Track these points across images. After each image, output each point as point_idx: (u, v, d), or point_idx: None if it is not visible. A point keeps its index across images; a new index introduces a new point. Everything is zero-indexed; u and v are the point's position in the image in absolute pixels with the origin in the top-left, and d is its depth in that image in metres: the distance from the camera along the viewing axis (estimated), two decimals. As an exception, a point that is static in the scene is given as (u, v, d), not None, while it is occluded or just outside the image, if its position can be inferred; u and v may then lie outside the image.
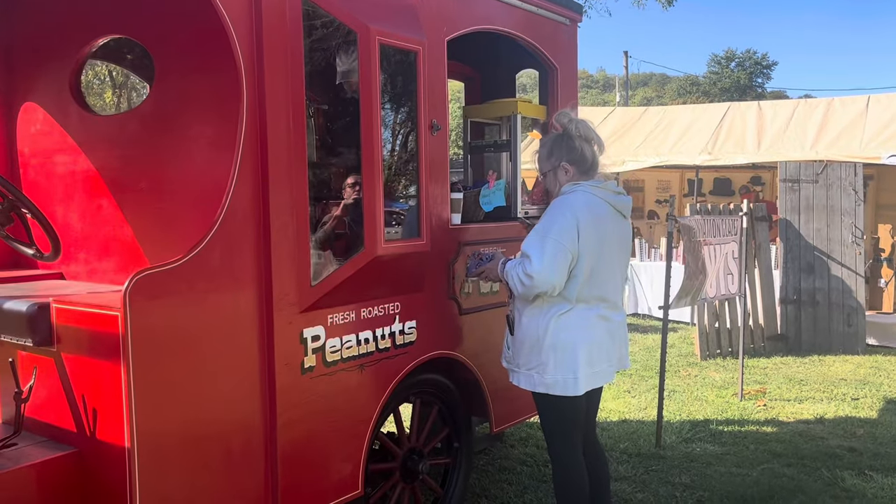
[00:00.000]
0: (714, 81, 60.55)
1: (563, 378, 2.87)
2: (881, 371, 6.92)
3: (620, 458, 4.59)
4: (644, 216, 12.54)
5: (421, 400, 3.40)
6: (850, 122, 8.91)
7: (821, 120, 9.14)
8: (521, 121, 3.88)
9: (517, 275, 2.84)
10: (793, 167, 8.06)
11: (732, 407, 5.78)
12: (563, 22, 3.95)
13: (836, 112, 9.28)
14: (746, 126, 9.60)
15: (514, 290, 2.91)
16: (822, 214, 7.89)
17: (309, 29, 2.67)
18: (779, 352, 7.79)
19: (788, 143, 8.94)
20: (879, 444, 4.87)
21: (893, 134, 8.36)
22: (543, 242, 2.78)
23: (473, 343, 3.49)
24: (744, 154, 9.17)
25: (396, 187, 3.08)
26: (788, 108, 9.97)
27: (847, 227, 7.78)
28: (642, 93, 74.02)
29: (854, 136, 8.59)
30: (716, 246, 5.57)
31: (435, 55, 3.08)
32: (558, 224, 2.81)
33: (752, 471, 4.39)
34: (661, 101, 57.57)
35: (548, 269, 2.76)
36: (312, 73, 2.80)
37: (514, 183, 3.87)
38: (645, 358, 7.45)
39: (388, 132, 3.04)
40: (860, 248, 7.76)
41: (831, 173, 7.87)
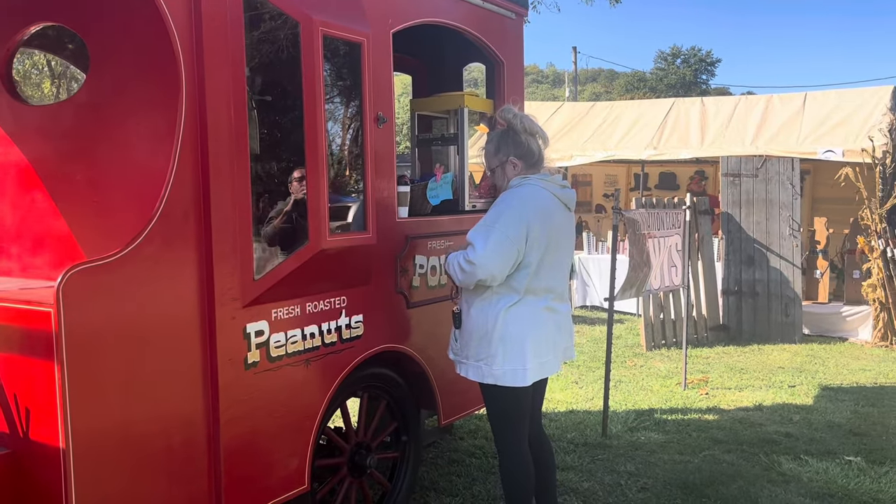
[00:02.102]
0: (661, 78, 61.77)
1: (512, 369, 2.89)
2: (816, 359, 7.18)
3: (567, 447, 4.66)
4: (592, 210, 12.72)
5: (368, 394, 3.39)
6: (788, 119, 9.19)
7: (761, 116, 9.41)
8: (468, 114, 3.89)
9: (457, 262, 2.88)
10: (734, 162, 8.28)
11: (676, 396, 5.92)
12: (508, 16, 3.97)
13: (775, 108, 9.56)
14: (690, 122, 9.82)
15: (454, 277, 2.93)
16: (762, 208, 8.13)
17: (251, 19, 2.62)
18: (721, 341, 8.01)
19: (730, 138, 9.18)
20: (814, 430, 5.05)
21: (828, 130, 8.65)
22: (489, 232, 2.82)
23: (421, 336, 3.49)
24: (688, 149, 9.37)
25: (342, 180, 3.05)
26: (730, 104, 10.23)
27: (785, 220, 8.04)
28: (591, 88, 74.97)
29: (792, 132, 8.87)
30: (660, 239, 5.68)
31: (380, 47, 3.06)
32: (505, 215, 2.84)
33: (694, 457, 4.51)
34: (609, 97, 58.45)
35: (490, 257, 2.78)
36: (255, 64, 2.76)
37: (462, 176, 3.88)
38: (593, 349, 7.58)
39: (332, 125, 3.00)
40: (797, 240, 8.03)
41: (770, 168, 8.12)
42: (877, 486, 4.07)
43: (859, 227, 7.96)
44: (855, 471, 4.27)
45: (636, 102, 12.13)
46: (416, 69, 4.53)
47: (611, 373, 5.24)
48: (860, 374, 6.58)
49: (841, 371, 6.72)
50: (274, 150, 3.15)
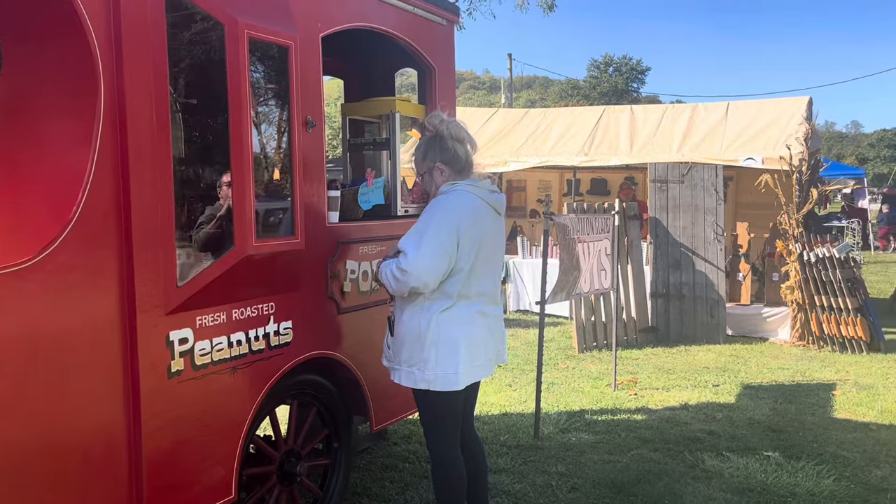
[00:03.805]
0: (594, 85, 63.21)
1: (445, 374, 2.90)
2: (739, 359, 7.46)
3: (500, 450, 4.70)
4: (527, 215, 12.90)
5: (299, 401, 3.35)
6: (712, 127, 9.52)
7: (687, 124, 9.72)
8: (399, 119, 3.90)
9: (390, 271, 2.87)
10: (661, 168, 8.53)
11: (606, 397, 6.05)
12: (439, 22, 4.00)
13: (701, 117, 9.90)
14: (620, 129, 10.06)
15: (388, 286, 2.92)
16: (688, 213, 8.40)
17: (173, 20, 2.57)
18: (650, 343, 8.22)
19: (658, 145, 9.44)
20: (736, 427, 5.24)
21: (750, 138, 9.00)
22: (420, 239, 2.82)
23: (353, 342, 3.47)
24: (617, 156, 9.60)
25: (269, 185, 3.01)
26: (658, 112, 10.53)
27: (710, 225, 8.33)
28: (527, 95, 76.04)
29: (715, 140, 9.19)
30: (589, 243, 5.81)
31: (309, 51, 3.04)
32: (436, 222, 2.85)
33: (622, 457, 4.62)
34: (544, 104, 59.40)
35: (422, 264, 2.79)
36: (178, 67, 2.70)
37: (394, 181, 3.89)
38: (526, 352, 7.67)
39: (259, 128, 2.96)
40: (721, 244, 8.33)
41: (695, 174, 8.40)
42: (793, 480, 4.25)
43: (778, 232, 8.31)
44: (773, 466, 4.45)
45: (568, 110, 12.37)
46: (348, 73, 4.52)
47: (543, 375, 5.32)
48: (779, 373, 6.87)
49: (761, 370, 6.99)
50: (200, 153, 3.08)
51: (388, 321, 3.07)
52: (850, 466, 4.45)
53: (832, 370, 6.97)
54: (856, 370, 6.95)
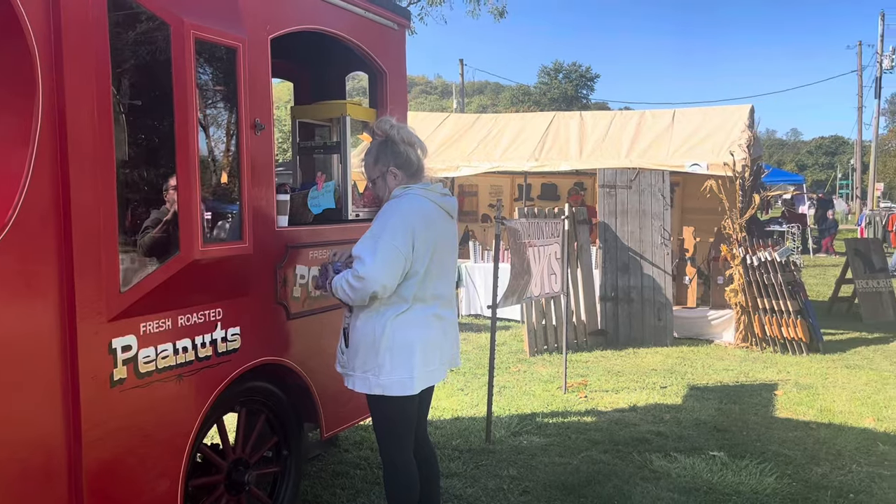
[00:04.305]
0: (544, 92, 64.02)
1: (400, 378, 2.90)
2: (686, 361, 7.62)
3: (452, 454, 4.70)
4: (479, 219, 12.96)
5: (247, 409, 3.28)
6: (659, 134, 9.72)
7: (634, 130, 9.89)
8: (350, 123, 3.88)
9: (345, 282, 2.84)
10: (609, 174, 8.67)
11: (557, 400, 6.11)
12: (391, 27, 3.99)
13: (648, 123, 10.09)
14: (570, 135, 10.18)
15: (345, 298, 2.89)
16: (636, 218, 8.56)
17: (116, 19, 2.50)
18: (599, 346, 8.34)
19: (606, 151, 9.59)
20: (683, 428, 5.35)
21: (695, 145, 9.22)
22: (376, 244, 2.81)
23: (303, 348, 3.43)
24: (567, 161, 9.72)
25: (216, 189, 2.96)
26: (606, 118, 10.70)
27: (657, 230, 8.50)
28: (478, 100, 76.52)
29: (662, 146, 9.38)
30: (539, 247, 5.87)
31: (257, 53, 2.99)
32: (391, 226, 2.84)
33: (573, 459, 4.66)
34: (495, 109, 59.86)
35: (379, 269, 2.78)
36: (122, 67, 2.63)
37: (345, 185, 3.86)
38: (479, 356, 7.69)
39: (206, 131, 2.91)
40: (668, 248, 8.50)
41: (643, 180, 8.56)
42: (738, 478, 4.36)
43: (723, 236, 8.53)
44: (719, 465, 4.56)
45: (519, 115, 12.48)
46: (299, 76, 4.47)
47: (495, 379, 5.35)
48: (724, 374, 7.04)
49: (707, 371, 7.16)
50: (146, 156, 3.01)
51: (343, 331, 3.04)
52: (791, 464, 4.58)
53: (774, 371, 7.18)
54: (796, 370, 7.17)
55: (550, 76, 66.19)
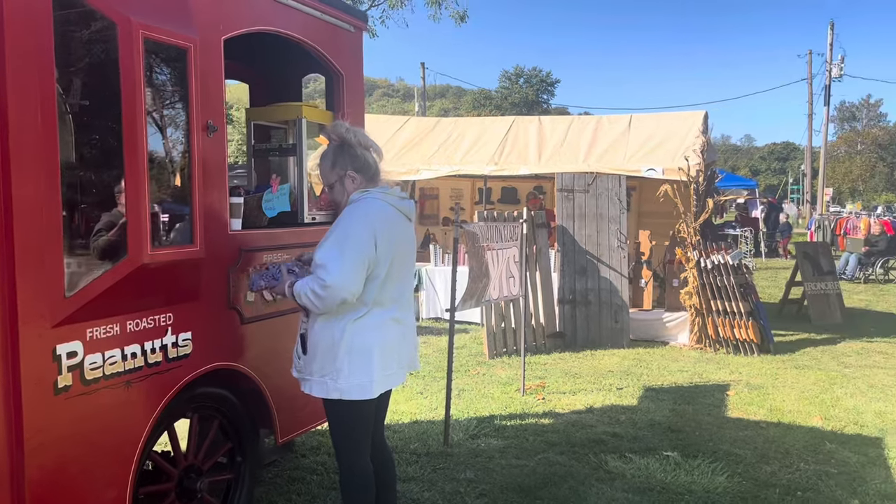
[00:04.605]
0: (505, 96, 64.48)
1: (359, 382, 2.88)
2: (642, 362, 7.73)
3: (410, 458, 4.69)
4: (439, 223, 12.96)
5: (200, 415, 3.23)
6: (616, 139, 9.86)
7: (592, 135, 10.02)
8: (306, 125, 3.85)
9: (310, 290, 2.80)
10: (567, 178, 8.77)
11: (515, 402, 6.14)
12: (347, 29, 3.97)
13: (605, 128, 10.23)
14: (529, 139, 10.27)
15: (311, 307, 2.85)
16: (593, 221, 8.66)
17: (61, 18, 2.44)
18: (558, 348, 8.41)
19: (565, 155, 9.69)
20: (638, 429, 5.42)
21: (651, 150, 9.37)
22: (341, 250, 2.79)
23: (257, 353, 3.39)
24: (526, 165, 9.79)
25: (167, 191, 2.91)
26: (565, 123, 10.81)
27: (613, 233, 8.62)
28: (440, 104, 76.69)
29: (619, 151, 9.52)
30: (498, 251, 5.90)
31: (210, 54, 2.95)
32: (354, 230, 2.83)
33: (530, 461, 4.69)
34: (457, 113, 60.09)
35: (347, 276, 2.76)
36: (69, 67, 2.57)
37: (301, 188, 3.83)
38: (438, 359, 7.69)
39: (156, 133, 2.86)
40: (624, 252, 8.62)
41: (600, 184, 8.67)
42: (690, 478, 4.43)
43: (677, 240, 8.68)
44: (672, 465, 4.63)
45: (479, 119, 12.54)
46: (254, 78, 4.43)
47: (454, 382, 5.35)
48: (678, 375, 7.16)
49: (662, 373, 7.27)
50: (94, 157, 2.95)
51: (301, 337, 3.01)
52: (741, 463, 4.68)
53: (726, 371, 7.33)
54: (748, 371, 7.33)
55: (511, 81, 66.70)
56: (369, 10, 23.52)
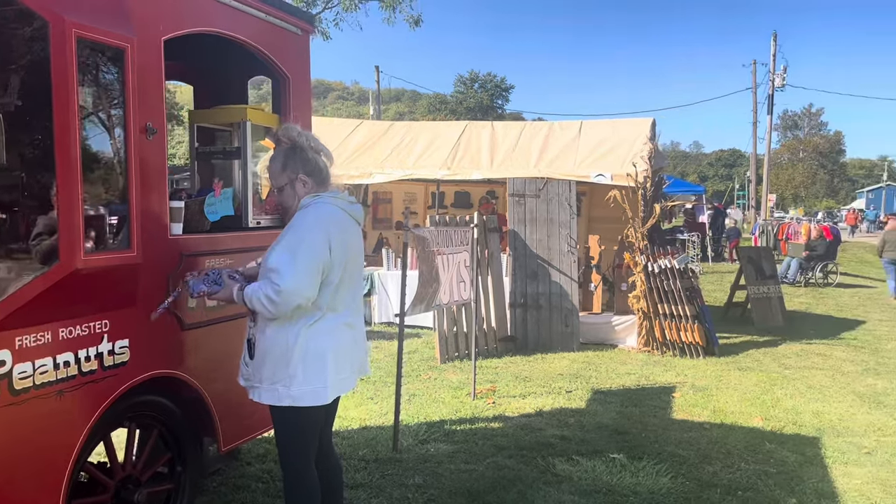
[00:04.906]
0: (460, 101, 64.80)
1: (313, 388, 2.86)
2: (591, 365, 7.82)
3: (358, 465, 4.65)
4: (392, 227, 12.92)
5: (137, 424, 3.15)
6: (567, 144, 9.98)
7: (543, 141, 10.12)
8: (251, 128, 3.79)
9: (264, 295, 2.77)
10: (519, 183, 8.83)
11: (466, 406, 6.15)
12: (294, 31, 3.93)
13: (556, 134, 10.35)
14: (481, 144, 10.32)
15: (264, 312, 2.81)
16: (544, 226, 8.74)
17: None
18: (509, 352, 8.46)
19: (516, 161, 9.77)
20: (586, 431, 5.48)
21: (600, 156, 9.51)
22: (295, 255, 2.77)
23: (199, 360, 3.32)
24: (479, 170, 9.84)
25: (103, 195, 2.82)
26: (517, 129, 10.90)
27: (564, 238, 8.71)
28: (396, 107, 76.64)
29: (569, 157, 9.63)
30: (448, 255, 5.90)
31: (149, 54, 2.88)
32: (308, 235, 2.82)
33: (478, 465, 4.70)
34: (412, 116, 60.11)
35: (301, 281, 2.75)
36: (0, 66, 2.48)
37: (245, 191, 3.77)
38: (389, 364, 7.66)
39: (91, 135, 2.77)
40: (574, 256, 8.72)
41: (551, 189, 8.76)
42: (636, 479, 4.50)
43: (626, 244, 8.82)
44: (618, 467, 4.70)
45: (432, 124, 12.56)
46: (198, 79, 4.34)
47: (405, 387, 5.33)
48: (626, 378, 7.27)
49: (611, 375, 7.37)
50: (26, 160, 2.85)
51: (248, 342, 2.96)
52: (685, 464, 4.77)
53: (673, 374, 7.47)
54: (693, 373, 7.49)
55: (466, 85, 67.06)
56: (323, 12, 23.37)
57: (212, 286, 2.96)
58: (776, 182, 47.56)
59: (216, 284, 2.96)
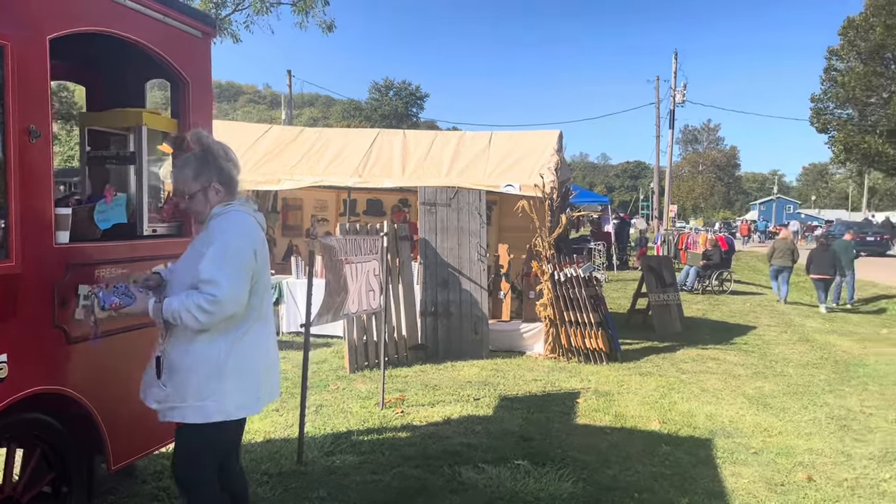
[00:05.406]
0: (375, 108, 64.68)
1: (245, 401, 2.85)
2: (499, 372, 7.93)
3: (261, 479, 4.54)
4: (303, 234, 12.72)
5: (18, 443, 2.96)
6: (477, 154, 10.09)
7: (454, 150, 10.21)
8: (148, 133, 3.66)
9: (195, 306, 2.69)
10: (430, 192, 8.88)
11: (374, 416, 6.10)
12: (194, 34, 3.82)
13: (467, 144, 10.45)
14: (393, 152, 10.31)
15: (192, 323, 2.72)
16: (454, 235, 8.82)
17: None
18: (419, 360, 8.46)
19: (428, 169, 9.81)
20: (493, 438, 5.55)
21: (510, 166, 9.67)
22: (225, 263, 2.74)
23: (88, 375, 3.16)
24: (390, 178, 9.82)
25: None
26: (429, 137, 10.95)
27: (474, 247, 8.81)
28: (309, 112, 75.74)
29: (480, 167, 9.75)
30: (357, 264, 5.85)
31: (32, 53, 2.73)
32: (236, 244, 2.81)
33: (385, 476, 4.68)
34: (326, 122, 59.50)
35: (236, 289, 2.74)
36: None
37: (140, 198, 3.63)
38: (297, 375, 7.47)
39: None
40: (484, 264, 8.84)
41: (461, 198, 8.85)
42: (539, 485, 4.59)
43: (534, 253, 9.01)
44: (523, 473, 4.77)
45: (343, 130, 12.45)
46: (92, 80, 4.15)
47: (313, 398, 5.24)
48: (533, 384, 7.41)
49: (518, 382, 7.50)
50: None
51: (157, 360, 2.84)
52: (586, 468, 4.90)
53: (577, 380, 7.67)
54: (596, 378, 7.71)
55: (381, 92, 66.99)
56: (233, 14, 22.84)
57: (123, 298, 2.83)
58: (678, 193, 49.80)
59: (127, 297, 2.83)
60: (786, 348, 9.94)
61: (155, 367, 2.86)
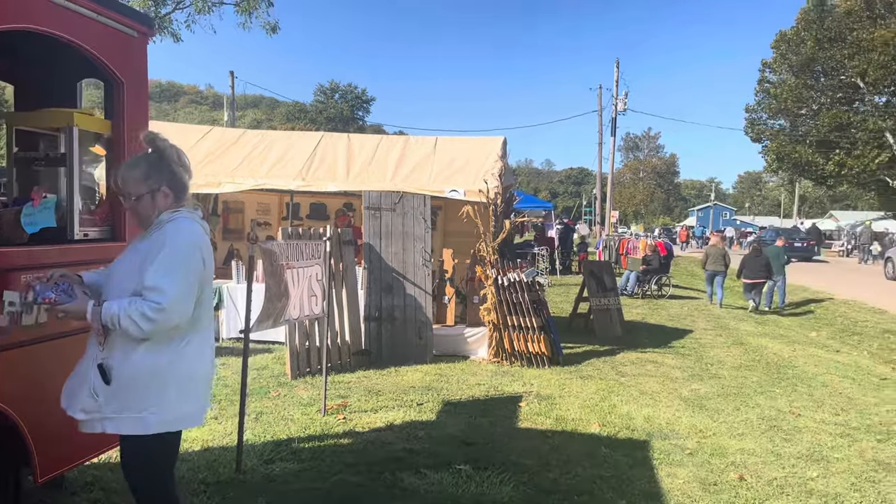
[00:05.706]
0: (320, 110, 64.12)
1: (189, 411, 2.81)
2: (443, 377, 7.95)
3: (198, 489, 4.44)
4: (244, 238, 12.50)
5: (-64, 458, 2.83)
6: (422, 159, 10.11)
7: (399, 154, 10.20)
8: (80, 134, 3.54)
9: (138, 313, 2.62)
10: (374, 196, 8.85)
11: (315, 423, 6.03)
12: (129, 34, 3.72)
13: (412, 148, 10.46)
14: (337, 155, 10.23)
15: (133, 330, 2.64)
16: (399, 239, 8.80)
17: None
18: (362, 366, 8.41)
19: (373, 174, 9.77)
20: (435, 443, 5.55)
21: (454, 172, 9.72)
22: (173, 271, 2.68)
23: (11, 383, 3.04)
24: (334, 182, 9.74)
25: None
26: (374, 141, 10.91)
27: (419, 252, 8.81)
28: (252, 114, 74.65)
29: (424, 172, 9.77)
30: (299, 269, 5.79)
31: (-46, 50, 2.62)
32: (184, 251, 2.75)
33: (325, 483, 4.63)
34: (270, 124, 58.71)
35: (182, 298, 2.69)
36: None
37: (72, 201, 3.51)
38: (237, 382, 7.36)
39: None
40: (429, 269, 8.85)
41: (406, 203, 8.84)
42: (480, 489, 4.61)
43: (478, 258, 9.06)
44: (464, 478, 4.79)
45: (287, 133, 12.29)
46: (21, 78, 4.00)
47: (253, 405, 5.15)
48: (476, 389, 7.44)
49: (461, 387, 7.52)
50: None
51: (100, 368, 2.74)
52: (527, 472, 4.95)
53: (520, 384, 7.74)
54: (539, 382, 7.80)
55: (327, 95, 66.48)
56: (173, 12, 22.33)
57: (61, 295, 2.72)
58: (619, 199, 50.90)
59: (67, 295, 2.73)
60: (720, 351, 10.24)
61: (99, 375, 2.74)
